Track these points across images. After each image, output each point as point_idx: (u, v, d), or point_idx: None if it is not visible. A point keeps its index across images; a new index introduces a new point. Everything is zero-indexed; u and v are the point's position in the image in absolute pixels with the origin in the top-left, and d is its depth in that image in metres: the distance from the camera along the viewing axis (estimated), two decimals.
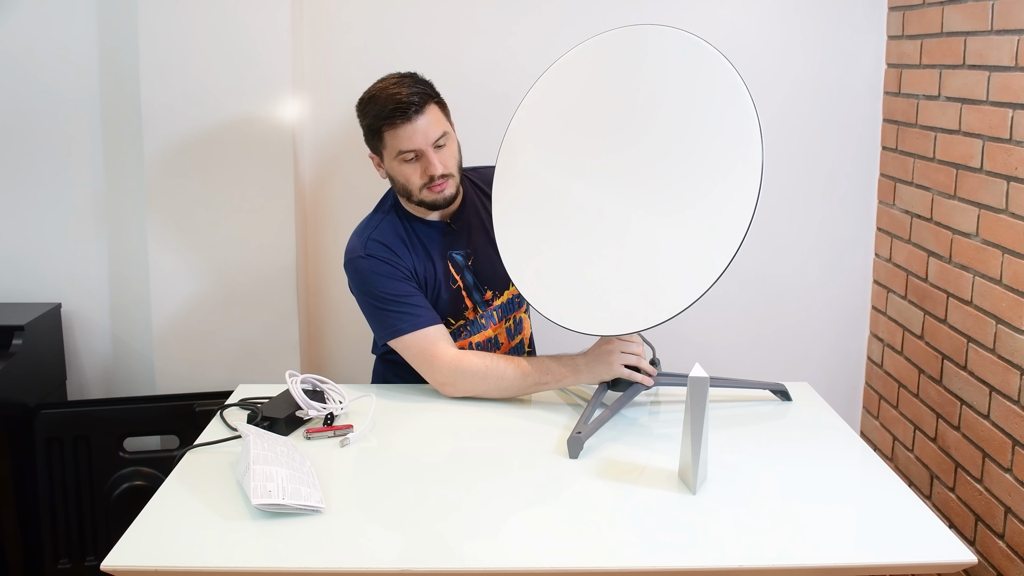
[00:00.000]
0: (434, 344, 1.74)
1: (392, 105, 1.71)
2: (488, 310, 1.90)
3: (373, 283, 1.76)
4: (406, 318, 1.75)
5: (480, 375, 1.71)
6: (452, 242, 1.87)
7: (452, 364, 1.72)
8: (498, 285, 1.91)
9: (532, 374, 1.71)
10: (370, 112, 1.76)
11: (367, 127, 1.78)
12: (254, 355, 2.33)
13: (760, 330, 2.56)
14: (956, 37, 2.08)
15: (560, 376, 1.72)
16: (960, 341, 2.08)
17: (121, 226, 2.41)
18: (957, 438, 2.09)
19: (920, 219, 2.27)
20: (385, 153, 1.78)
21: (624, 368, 1.69)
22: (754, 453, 1.55)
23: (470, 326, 1.88)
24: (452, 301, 1.86)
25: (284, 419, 1.61)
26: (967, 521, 2.05)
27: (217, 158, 2.26)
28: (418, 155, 1.75)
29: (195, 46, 2.20)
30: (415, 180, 1.77)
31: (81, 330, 2.45)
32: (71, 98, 2.34)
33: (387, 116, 1.72)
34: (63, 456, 2.17)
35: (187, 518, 1.33)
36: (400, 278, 1.77)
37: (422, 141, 1.73)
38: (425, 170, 1.76)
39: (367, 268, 1.77)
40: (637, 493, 1.41)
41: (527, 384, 1.72)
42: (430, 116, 1.74)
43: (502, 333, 1.93)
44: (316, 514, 1.33)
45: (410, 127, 1.72)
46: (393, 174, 1.80)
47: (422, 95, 1.74)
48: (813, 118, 2.44)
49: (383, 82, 1.78)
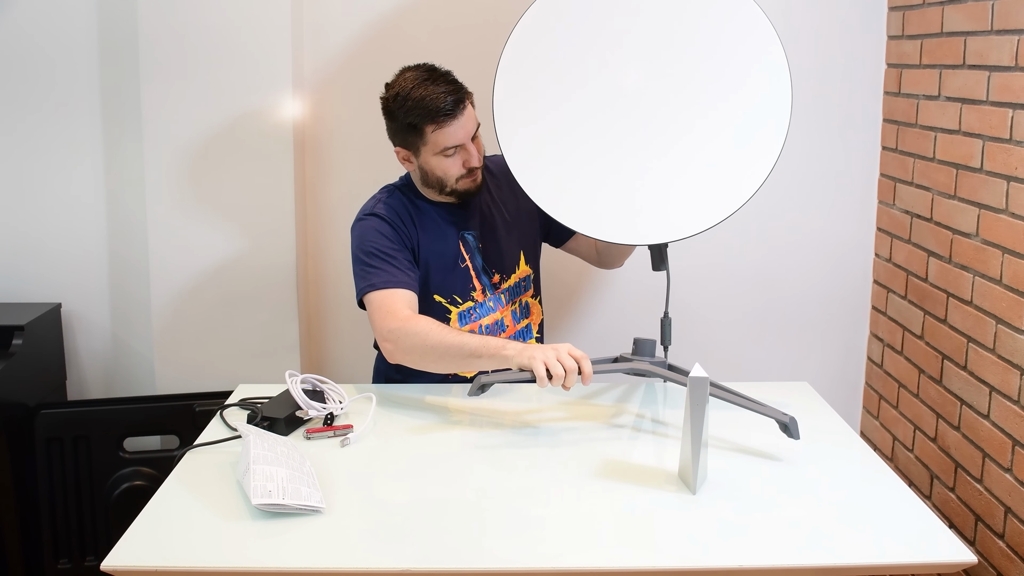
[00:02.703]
0: (395, 302, 1.74)
1: (440, 104, 1.74)
2: (496, 293, 1.93)
3: (369, 239, 1.80)
4: (381, 274, 1.77)
5: (421, 335, 1.67)
6: (464, 222, 1.90)
7: (400, 323, 1.70)
8: (505, 268, 1.94)
9: (469, 345, 1.64)
10: (413, 111, 1.76)
11: (406, 125, 1.78)
12: (254, 355, 2.33)
13: (760, 329, 2.56)
14: (956, 37, 2.08)
15: (492, 352, 1.62)
16: (960, 341, 2.08)
17: (121, 225, 2.41)
18: (957, 438, 2.09)
19: (920, 219, 2.27)
20: (424, 149, 1.80)
21: (537, 364, 1.53)
22: (754, 453, 1.55)
23: (479, 308, 1.90)
24: (460, 280, 1.88)
25: (284, 419, 1.61)
26: (967, 521, 2.05)
27: (217, 157, 2.26)
28: (458, 148, 1.79)
29: (196, 44, 2.20)
30: (454, 172, 1.81)
31: (81, 330, 2.45)
32: (71, 96, 2.34)
33: (433, 115, 1.75)
34: (63, 456, 2.18)
35: (187, 518, 1.33)
36: (395, 240, 1.81)
37: (464, 136, 1.79)
38: (465, 162, 1.81)
39: (370, 225, 1.82)
40: (636, 493, 1.41)
41: (463, 354, 1.64)
42: (468, 111, 1.80)
43: (508, 316, 1.94)
44: (316, 514, 1.33)
45: (456, 124, 1.76)
46: (430, 168, 1.82)
47: (459, 91, 1.78)
48: (813, 118, 2.44)
49: (409, 79, 1.78)
